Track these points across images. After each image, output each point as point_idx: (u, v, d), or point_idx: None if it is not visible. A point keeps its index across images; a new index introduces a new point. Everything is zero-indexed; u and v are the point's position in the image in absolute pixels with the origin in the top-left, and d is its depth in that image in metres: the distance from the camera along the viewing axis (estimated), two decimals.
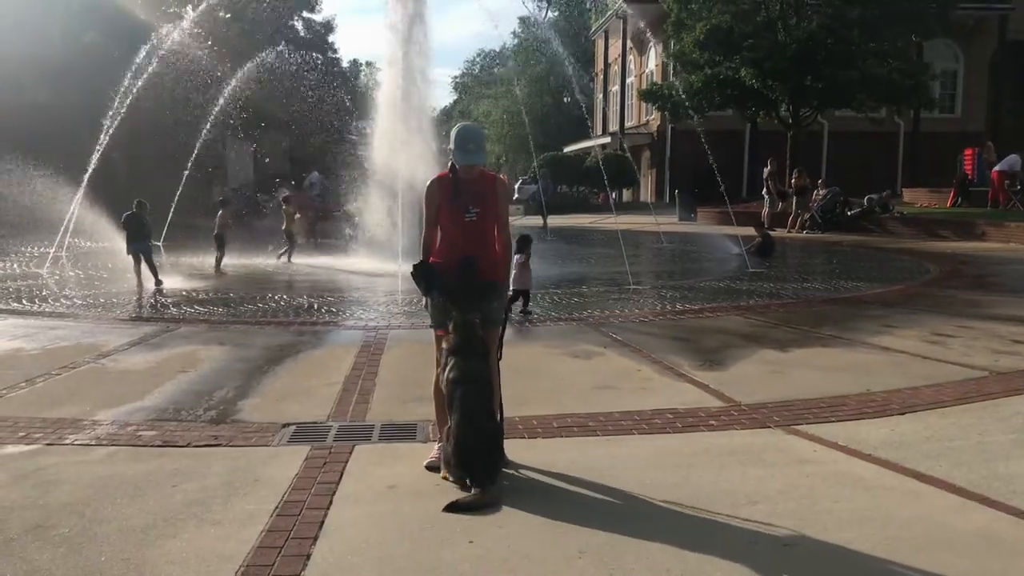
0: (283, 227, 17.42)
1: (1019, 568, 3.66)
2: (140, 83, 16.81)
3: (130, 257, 13.36)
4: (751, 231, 18.64)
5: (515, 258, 9.70)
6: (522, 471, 4.80)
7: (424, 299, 4.94)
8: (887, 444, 5.22)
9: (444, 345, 4.75)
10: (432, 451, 4.89)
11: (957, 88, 36.19)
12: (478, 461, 4.45)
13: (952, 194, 25.73)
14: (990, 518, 4.12)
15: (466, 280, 4.72)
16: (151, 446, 5.30)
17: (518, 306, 10.05)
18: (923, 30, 26.84)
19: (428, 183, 4.94)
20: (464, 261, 4.74)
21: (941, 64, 33.65)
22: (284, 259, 17.03)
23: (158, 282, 13.15)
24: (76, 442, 5.34)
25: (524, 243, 10.15)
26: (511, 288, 9.87)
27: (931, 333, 8.79)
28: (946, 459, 4.93)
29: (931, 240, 20.60)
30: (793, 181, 24.00)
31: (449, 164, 4.89)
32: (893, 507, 4.28)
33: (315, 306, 11.30)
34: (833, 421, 5.74)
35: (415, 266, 4.82)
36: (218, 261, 15.82)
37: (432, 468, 4.76)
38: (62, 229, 16.22)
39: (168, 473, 4.79)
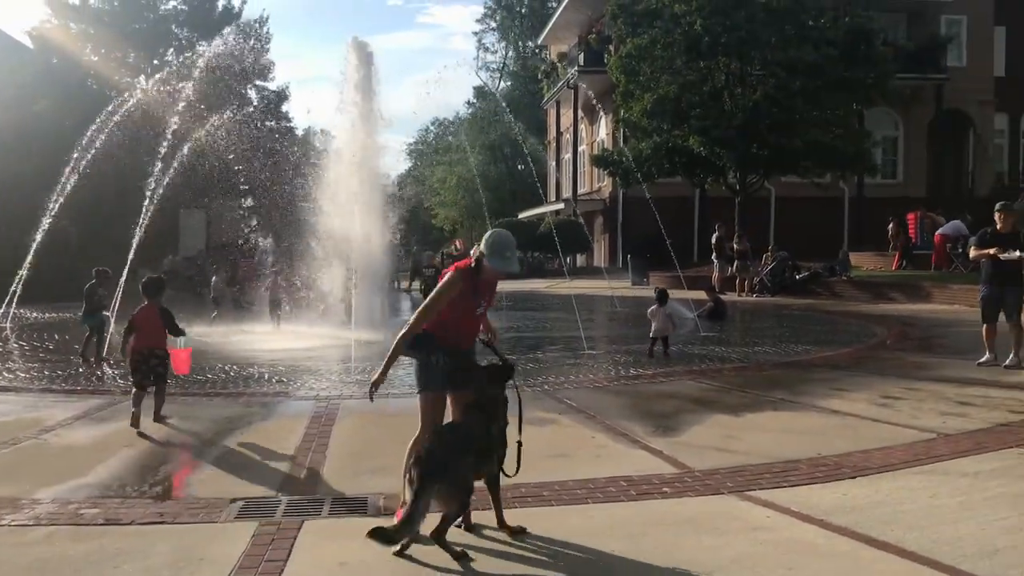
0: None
1: None
2: (91, 153, 16.68)
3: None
4: (702, 295, 18.85)
5: (656, 308, 12.14)
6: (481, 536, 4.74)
7: (421, 363, 4.99)
8: (839, 509, 5.24)
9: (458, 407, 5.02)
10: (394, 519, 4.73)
11: (898, 154, 37.24)
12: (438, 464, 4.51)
13: (897, 257, 26.33)
14: None
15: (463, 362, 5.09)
16: (93, 524, 5.14)
17: (659, 347, 12.13)
18: (863, 98, 27.73)
19: (452, 274, 5.00)
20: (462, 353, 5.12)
21: (882, 131, 34.74)
22: None
23: (101, 359, 12.37)
24: (14, 522, 5.17)
25: (663, 296, 12.46)
26: (652, 335, 12.58)
27: (880, 395, 8.91)
28: (897, 523, 4.96)
29: (878, 303, 20.98)
30: (735, 247, 24.48)
31: (474, 260, 4.96)
32: (846, 574, 4.29)
33: (265, 375, 11.13)
34: (785, 486, 5.76)
35: (416, 336, 4.93)
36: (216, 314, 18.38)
37: (385, 538, 4.56)
38: (6, 300, 15.90)
39: (110, 553, 4.65)
